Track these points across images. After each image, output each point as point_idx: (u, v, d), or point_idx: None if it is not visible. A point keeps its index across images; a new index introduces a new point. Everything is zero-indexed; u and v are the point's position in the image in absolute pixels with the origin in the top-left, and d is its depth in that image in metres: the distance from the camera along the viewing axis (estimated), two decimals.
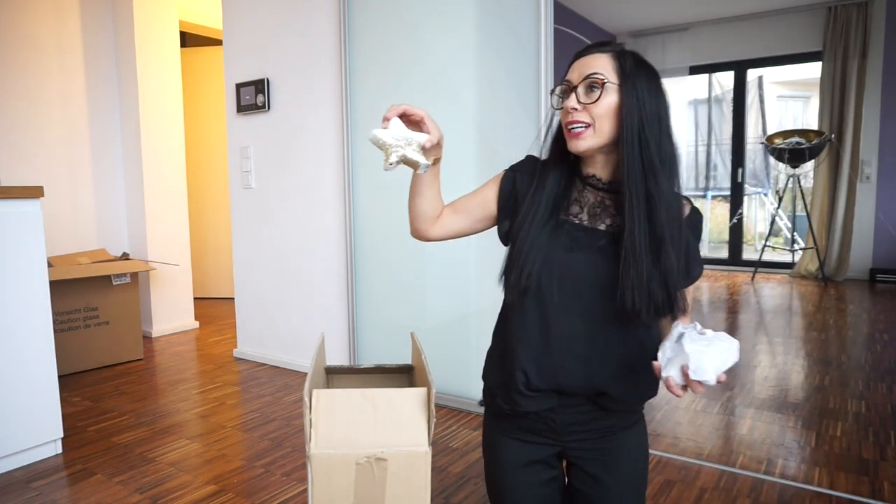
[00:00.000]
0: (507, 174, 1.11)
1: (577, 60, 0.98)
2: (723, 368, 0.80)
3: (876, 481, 1.73)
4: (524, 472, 1.07)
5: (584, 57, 0.96)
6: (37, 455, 1.97)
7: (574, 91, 0.95)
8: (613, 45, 0.98)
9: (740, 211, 6.00)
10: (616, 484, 1.04)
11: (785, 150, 5.13)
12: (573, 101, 0.94)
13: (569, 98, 0.95)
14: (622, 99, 0.93)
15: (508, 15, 2.15)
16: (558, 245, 0.98)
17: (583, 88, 0.94)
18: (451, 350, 2.40)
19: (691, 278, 1.03)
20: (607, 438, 1.04)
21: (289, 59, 2.83)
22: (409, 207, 1.13)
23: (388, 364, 1.43)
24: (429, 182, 1.07)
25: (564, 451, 1.07)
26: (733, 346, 0.82)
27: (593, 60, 0.95)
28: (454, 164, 2.35)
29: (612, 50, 0.96)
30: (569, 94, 0.96)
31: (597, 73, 0.93)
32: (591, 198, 1.01)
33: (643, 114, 0.92)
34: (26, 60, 3.23)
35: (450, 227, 1.14)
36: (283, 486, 1.76)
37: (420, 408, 1.04)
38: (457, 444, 2.04)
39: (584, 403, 1.02)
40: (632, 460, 1.06)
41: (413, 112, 0.95)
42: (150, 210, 3.60)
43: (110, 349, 3.06)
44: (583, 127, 0.94)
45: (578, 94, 0.94)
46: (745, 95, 5.95)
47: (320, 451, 0.99)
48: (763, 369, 2.81)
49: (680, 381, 0.82)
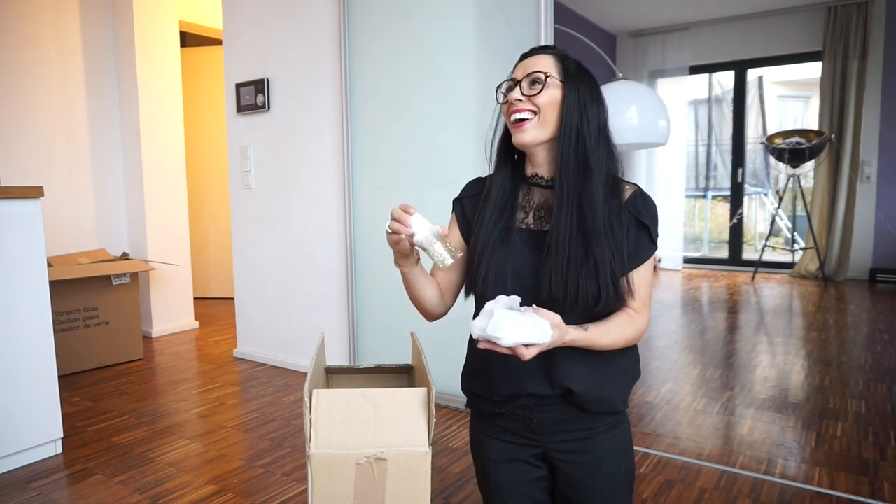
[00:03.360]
0: (455, 207, 1.14)
1: (521, 62, 1.03)
2: (522, 338, 0.83)
3: (876, 481, 1.73)
4: (508, 469, 1.08)
5: (529, 58, 1.02)
6: (37, 455, 1.97)
7: (518, 85, 0.99)
8: (557, 48, 1.03)
9: (740, 211, 6.00)
10: (598, 488, 1.04)
11: (785, 150, 5.13)
12: (517, 94, 0.99)
13: (513, 92, 1.00)
14: (564, 94, 0.98)
15: (508, 15, 2.15)
16: (509, 251, 1.02)
17: (526, 83, 0.99)
18: (451, 350, 2.40)
19: (635, 263, 1.00)
20: (588, 441, 1.04)
21: (289, 59, 2.83)
22: (417, 301, 1.12)
23: (388, 364, 1.43)
24: (420, 271, 1.08)
25: (547, 453, 1.07)
26: (544, 325, 0.84)
27: (537, 60, 1.00)
28: (454, 164, 2.35)
29: (556, 52, 1.02)
30: (513, 90, 1.00)
31: (540, 71, 0.98)
32: (536, 199, 1.05)
33: (584, 112, 0.97)
34: (26, 60, 3.23)
35: (455, 289, 1.15)
36: (283, 486, 1.76)
37: (420, 408, 1.04)
38: (457, 444, 2.04)
39: (560, 404, 1.02)
40: (614, 463, 1.05)
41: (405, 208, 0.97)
42: (150, 210, 3.60)
43: (110, 349, 3.06)
44: (526, 116, 0.98)
45: (522, 87, 0.99)
46: (745, 95, 5.95)
47: (320, 451, 0.99)
48: (763, 369, 2.81)
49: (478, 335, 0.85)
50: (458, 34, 2.28)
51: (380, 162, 2.56)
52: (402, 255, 1.01)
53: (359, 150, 2.61)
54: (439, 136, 2.37)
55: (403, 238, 0.95)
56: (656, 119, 2.45)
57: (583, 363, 0.99)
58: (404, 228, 0.94)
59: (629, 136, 2.44)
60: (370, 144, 2.58)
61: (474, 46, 2.26)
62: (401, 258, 1.02)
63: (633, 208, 1.00)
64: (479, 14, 2.23)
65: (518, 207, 1.05)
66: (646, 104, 2.44)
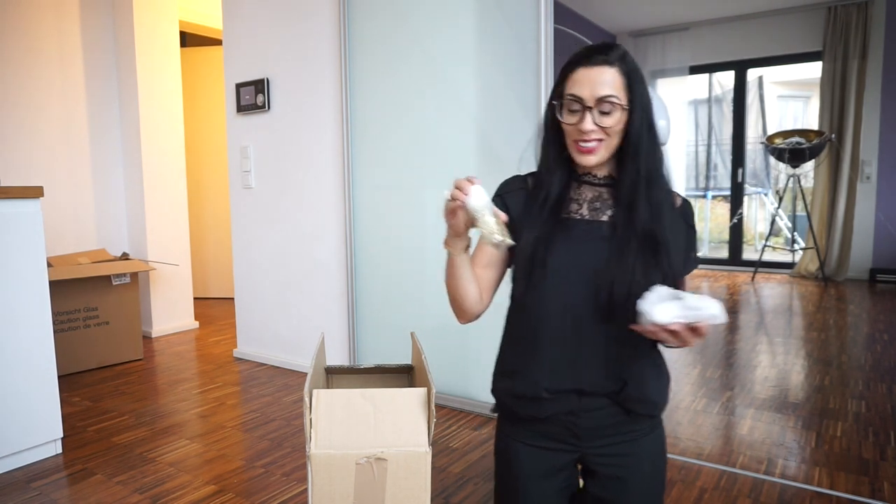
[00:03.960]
0: (497, 203, 1.09)
1: (581, 70, 0.96)
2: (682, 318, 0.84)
3: (876, 481, 1.73)
4: (542, 483, 1.05)
5: (591, 69, 0.95)
6: (37, 455, 1.97)
7: (588, 111, 0.95)
8: (615, 53, 0.96)
9: (740, 211, 6.00)
10: (637, 489, 1.03)
11: (785, 149, 5.13)
12: (589, 124, 0.95)
13: (584, 120, 0.95)
14: (631, 117, 0.96)
15: (508, 15, 2.15)
16: (571, 240, 1.00)
17: (597, 111, 0.95)
18: (451, 350, 2.40)
19: (688, 268, 1.05)
20: (629, 444, 1.04)
21: (289, 59, 2.83)
22: (458, 296, 1.06)
23: (388, 364, 1.43)
24: (467, 260, 1.05)
25: (584, 458, 1.05)
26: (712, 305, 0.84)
27: (602, 75, 0.94)
28: (454, 165, 2.35)
29: (619, 63, 0.95)
30: (581, 113, 0.95)
31: (612, 96, 0.94)
32: (588, 193, 1.04)
33: (649, 131, 0.97)
34: (26, 60, 3.23)
35: (493, 287, 1.12)
36: (283, 486, 1.76)
37: (420, 408, 1.04)
38: (457, 444, 2.04)
39: (607, 406, 1.01)
40: (653, 465, 1.06)
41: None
42: (150, 210, 3.60)
43: (110, 349, 3.06)
44: (595, 143, 0.96)
45: (594, 115, 0.95)
46: (745, 95, 5.95)
47: (320, 451, 0.99)
48: (763, 369, 2.81)
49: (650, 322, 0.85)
50: (458, 34, 2.28)
51: (380, 162, 2.56)
52: (455, 234, 0.97)
53: (359, 150, 2.61)
54: (439, 135, 2.37)
55: (460, 206, 0.92)
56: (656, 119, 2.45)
57: (640, 360, 1.01)
58: (462, 195, 0.91)
59: None
60: (370, 144, 2.58)
61: (474, 46, 2.26)
62: (453, 237, 0.98)
63: (685, 215, 1.04)
64: (478, 14, 2.23)
65: (570, 201, 1.04)
66: None
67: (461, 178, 0.93)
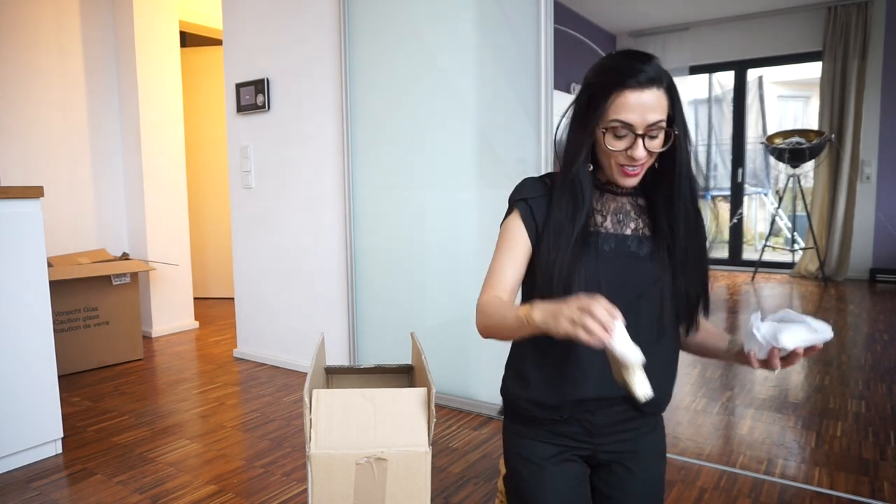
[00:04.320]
0: (522, 207, 1.03)
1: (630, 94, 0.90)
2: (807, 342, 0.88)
3: (876, 481, 1.73)
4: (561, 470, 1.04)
5: (641, 92, 0.90)
6: (37, 455, 1.97)
7: (639, 138, 0.91)
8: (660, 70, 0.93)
9: (740, 211, 6.00)
10: (641, 484, 1.05)
11: (785, 149, 5.13)
12: (641, 151, 0.92)
13: (636, 148, 0.91)
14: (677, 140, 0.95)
15: (508, 15, 2.15)
16: (598, 256, 0.98)
17: (648, 138, 0.92)
18: (451, 350, 2.40)
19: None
20: (635, 441, 1.05)
21: (289, 59, 2.83)
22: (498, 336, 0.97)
23: (388, 364, 1.43)
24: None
25: (594, 454, 1.06)
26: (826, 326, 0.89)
27: (652, 99, 0.91)
28: (454, 164, 2.35)
29: (665, 85, 0.93)
30: (631, 139, 0.92)
31: (661, 121, 0.92)
32: (611, 204, 1.03)
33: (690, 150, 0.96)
34: (26, 60, 3.23)
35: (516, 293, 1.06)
36: (283, 486, 1.76)
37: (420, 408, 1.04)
38: (457, 444, 2.04)
39: (620, 403, 1.01)
40: (656, 461, 1.08)
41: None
42: (150, 210, 3.60)
43: (110, 349, 3.06)
44: (640, 168, 0.95)
45: (645, 143, 0.92)
46: (745, 95, 5.95)
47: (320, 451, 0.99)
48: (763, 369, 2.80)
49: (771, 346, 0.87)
50: (458, 34, 2.28)
51: (380, 162, 2.56)
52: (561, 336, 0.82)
53: (359, 150, 2.61)
54: (440, 135, 2.37)
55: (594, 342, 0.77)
56: None
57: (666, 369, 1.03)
58: (605, 336, 0.76)
59: None
60: (370, 144, 2.58)
61: (474, 46, 2.26)
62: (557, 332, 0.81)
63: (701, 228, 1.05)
64: (479, 13, 2.23)
65: (595, 212, 1.02)
66: None
67: (601, 308, 0.77)
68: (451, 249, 2.38)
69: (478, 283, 2.30)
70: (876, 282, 5.06)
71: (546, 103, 2.06)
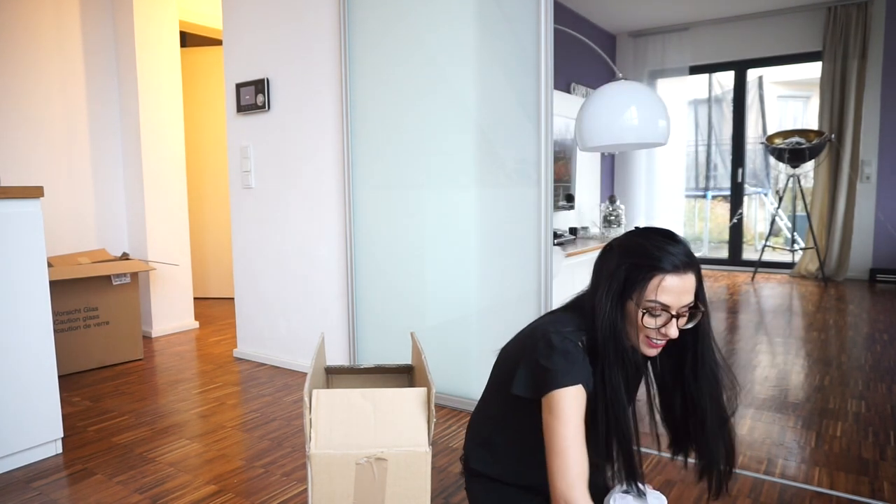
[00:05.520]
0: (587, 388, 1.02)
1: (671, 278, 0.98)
2: None
3: (876, 481, 1.73)
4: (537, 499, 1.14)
5: (681, 277, 0.98)
6: (37, 455, 1.97)
7: (675, 319, 0.99)
8: (693, 258, 1.02)
9: (740, 211, 6.00)
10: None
11: (785, 150, 5.13)
12: (675, 330, 0.99)
13: (670, 327, 0.99)
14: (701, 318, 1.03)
15: (508, 15, 2.15)
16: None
17: (683, 319, 1.01)
18: (451, 350, 2.40)
19: None
20: None
21: (289, 59, 2.83)
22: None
23: (388, 364, 1.43)
24: None
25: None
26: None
27: (688, 283, 0.99)
28: (454, 164, 2.35)
29: (695, 268, 1.02)
30: (666, 318, 0.99)
31: (692, 302, 1.00)
32: (630, 368, 1.06)
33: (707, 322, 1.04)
34: (26, 60, 3.23)
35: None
36: (283, 486, 1.76)
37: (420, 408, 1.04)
38: (457, 444, 2.04)
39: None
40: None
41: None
42: (150, 210, 3.60)
43: (110, 349, 3.06)
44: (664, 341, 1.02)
45: (679, 323, 1.00)
46: (745, 95, 5.95)
47: (320, 451, 0.99)
48: (763, 369, 2.81)
49: None
50: (458, 34, 2.28)
51: (380, 162, 2.56)
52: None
53: (359, 150, 2.61)
54: (440, 136, 2.37)
55: None
56: (656, 119, 2.44)
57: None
58: None
59: (629, 137, 2.44)
60: (370, 144, 2.58)
61: (474, 46, 2.26)
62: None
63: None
64: (479, 14, 2.23)
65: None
66: (646, 104, 2.43)
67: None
68: (451, 249, 2.38)
69: (478, 283, 2.31)
70: (876, 282, 5.06)
71: (546, 103, 2.07)
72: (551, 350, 1.00)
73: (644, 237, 1.02)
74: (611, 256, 1.03)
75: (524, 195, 2.15)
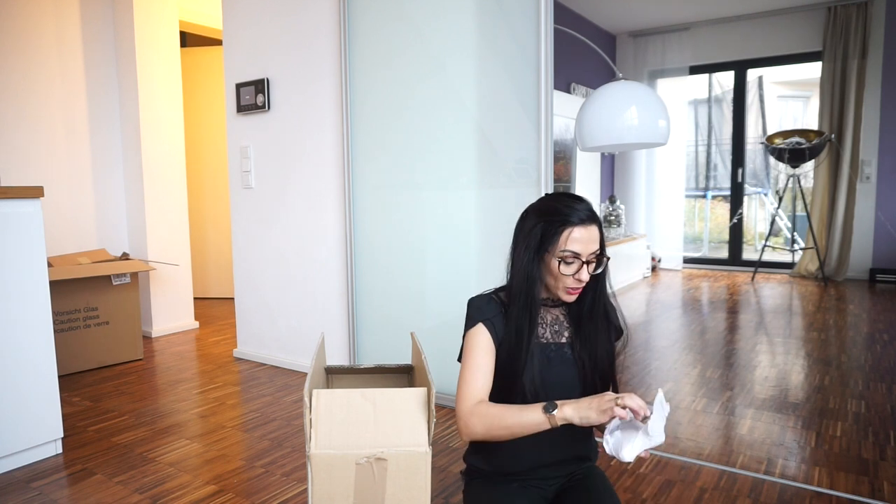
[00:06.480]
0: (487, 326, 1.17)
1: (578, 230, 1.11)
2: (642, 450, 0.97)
3: (876, 481, 1.73)
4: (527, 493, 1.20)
5: (586, 229, 1.12)
6: (37, 455, 1.97)
7: (585, 265, 1.12)
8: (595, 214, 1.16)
9: (740, 211, 6.00)
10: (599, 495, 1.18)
11: (785, 150, 5.13)
12: (586, 275, 1.12)
13: (581, 272, 1.12)
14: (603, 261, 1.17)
15: (508, 15, 2.15)
16: (548, 367, 1.17)
17: (593, 265, 1.14)
18: (451, 350, 2.40)
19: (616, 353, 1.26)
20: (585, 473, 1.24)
21: (289, 59, 2.83)
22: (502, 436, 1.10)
23: (388, 364, 1.43)
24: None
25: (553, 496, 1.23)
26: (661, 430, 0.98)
27: (594, 234, 1.13)
28: (454, 164, 2.35)
29: (598, 222, 1.16)
30: (578, 265, 1.12)
31: (598, 250, 1.14)
32: (549, 316, 1.21)
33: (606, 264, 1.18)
34: (26, 60, 3.23)
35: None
36: (283, 486, 1.76)
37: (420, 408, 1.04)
38: (457, 444, 2.04)
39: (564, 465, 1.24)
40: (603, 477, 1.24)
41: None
42: (150, 210, 3.60)
43: (110, 349, 3.06)
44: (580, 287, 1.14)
45: (589, 269, 1.13)
46: (745, 95, 5.95)
47: (320, 451, 0.99)
48: (763, 369, 2.81)
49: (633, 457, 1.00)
50: (458, 34, 2.28)
51: (380, 162, 2.56)
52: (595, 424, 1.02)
53: (359, 150, 2.61)
54: (440, 135, 2.37)
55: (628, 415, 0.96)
56: (656, 119, 2.44)
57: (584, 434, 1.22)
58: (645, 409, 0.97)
59: (629, 137, 2.44)
60: (370, 144, 2.58)
61: (474, 46, 2.26)
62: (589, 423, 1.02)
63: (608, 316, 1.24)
64: (478, 14, 2.23)
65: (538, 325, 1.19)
66: (646, 104, 2.43)
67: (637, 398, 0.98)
68: (451, 249, 2.38)
69: (478, 284, 2.31)
70: (876, 282, 5.06)
71: (546, 103, 2.07)
72: (468, 309, 1.20)
73: (554, 199, 1.17)
74: (528, 218, 1.18)
75: (524, 195, 2.14)
